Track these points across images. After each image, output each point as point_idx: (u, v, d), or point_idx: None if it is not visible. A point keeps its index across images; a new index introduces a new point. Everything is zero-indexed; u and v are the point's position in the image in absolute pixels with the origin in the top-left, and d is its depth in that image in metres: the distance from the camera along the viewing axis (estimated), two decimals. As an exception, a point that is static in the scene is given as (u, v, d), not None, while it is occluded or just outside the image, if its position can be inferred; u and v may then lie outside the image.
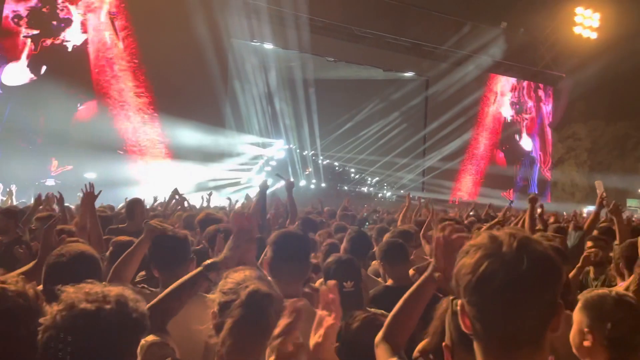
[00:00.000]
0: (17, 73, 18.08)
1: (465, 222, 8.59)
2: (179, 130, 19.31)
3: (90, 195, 4.52)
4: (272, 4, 21.49)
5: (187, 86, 19.58)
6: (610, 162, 30.90)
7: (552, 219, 7.85)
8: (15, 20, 18.11)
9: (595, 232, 5.44)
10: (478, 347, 1.18)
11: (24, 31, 18.24)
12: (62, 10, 18.88)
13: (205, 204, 11.04)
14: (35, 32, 18.36)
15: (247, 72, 22.40)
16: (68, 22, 19.02)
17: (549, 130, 31.84)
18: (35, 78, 18.20)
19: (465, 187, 28.69)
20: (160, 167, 19.48)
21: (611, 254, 4.73)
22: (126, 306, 1.47)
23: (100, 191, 4.64)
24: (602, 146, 31.47)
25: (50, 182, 17.43)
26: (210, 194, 11.38)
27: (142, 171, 19.44)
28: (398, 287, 3.28)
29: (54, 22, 18.76)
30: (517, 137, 30.75)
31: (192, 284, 2.16)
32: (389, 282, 3.61)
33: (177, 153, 19.45)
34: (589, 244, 4.18)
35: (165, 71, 19.30)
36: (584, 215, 13.33)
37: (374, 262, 4.26)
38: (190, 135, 19.51)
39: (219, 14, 20.31)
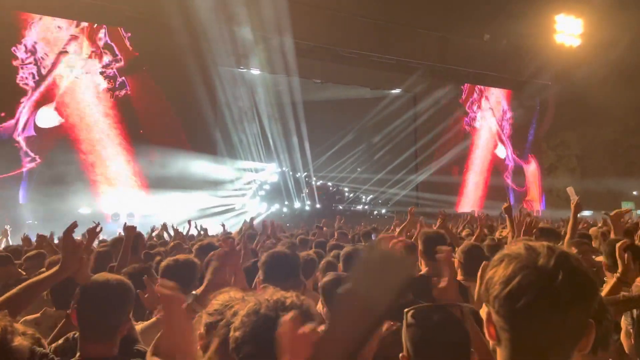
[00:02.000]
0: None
1: (463, 234, 8.61)
2: (170, 160, 19.33)
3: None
4: (256, 30, 21.71)
5: (177, 116, 19.68)
6: (603, 167, 31.09)
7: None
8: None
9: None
10: (501, 356, 1.16)
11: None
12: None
13: (202, 233, 11.05)
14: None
15: (235, 98, 22.54)
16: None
17: (535, 139, 32.03)
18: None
19: (464, 200, 28.78)
20: (151, 198, 19.41)
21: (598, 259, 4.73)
22: None
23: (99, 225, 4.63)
24: (593, 152, 31.70)
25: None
26: (200, 225, 11.47)
27: (135, 203, 19.41)
28: None
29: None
30: (502, 147, 30.91)
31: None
32: None
33: (169, 183, 19.38)
34: (573, 249, 4.09)
35: (154, 103, 19.41)
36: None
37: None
38: (182, 164, 19.54)
39: (204, 43, 20.49)
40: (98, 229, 4.56)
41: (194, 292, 2.22)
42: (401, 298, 1.06)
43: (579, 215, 4.74)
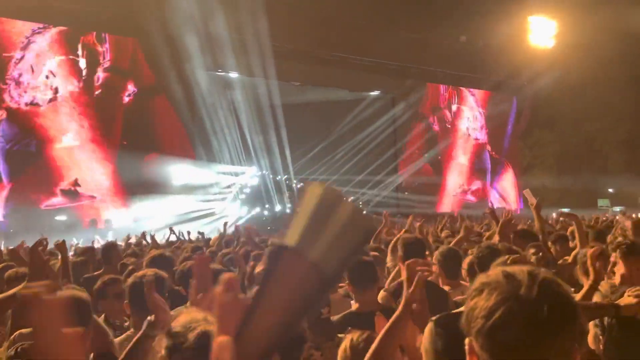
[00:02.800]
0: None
1: (442, 236, 8.65)
2: (148, 165, 19.17)
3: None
4: (234, 33, 21.63)
5: (154, 121, 19.52)
6: (579, 165, 31.60)
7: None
8: None
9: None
10: None
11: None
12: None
13: (182, 238, 10.98)
14: None
15: (214, 102, 22.42)
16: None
17: (512, 139, 32.42)
18: None
19: (444, 200, 29.02)
20: (129, 204, 19.21)
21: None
22: None
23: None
24: (569, 150, 32.21)
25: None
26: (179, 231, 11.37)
27: (112, 209, 19.20)
28: (364, 314, 3.06)
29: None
30: (482, 148, 31.24)
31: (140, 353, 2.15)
32: (355, 306, 3.35)
33: (147, 188, 19.20)
34: (530, 250, 4.12)
35: (131, 107, 19.21)
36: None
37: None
38: (160, 169, 19.39)
39: (181, 46, 20.37)
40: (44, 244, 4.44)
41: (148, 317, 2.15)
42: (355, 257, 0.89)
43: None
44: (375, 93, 27.91)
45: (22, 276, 3.59)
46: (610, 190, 30.47)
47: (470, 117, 30.78)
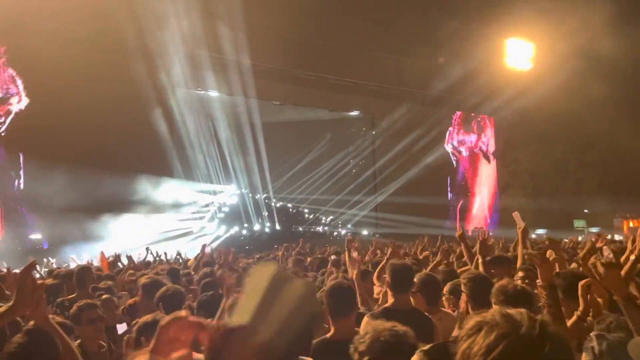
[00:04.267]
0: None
1: (420, 257, 8.64)
2: (126, 183, 18.85)
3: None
4: (214, 52, 21.62)
5: (133, 138, 19.27)
6: (554, 185, 32.06)
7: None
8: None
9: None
10: None
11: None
12: None
13: (158, 260, 10.75)
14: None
15: (193, 120, 22.28)
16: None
17: (491, 159, 32.80)
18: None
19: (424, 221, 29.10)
20: (105, 223, 18.82)
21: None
22: None
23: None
24: (545, 170, 32.68)
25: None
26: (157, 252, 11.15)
27: (88, 227, 18.81)
28: (339, 342, 2.89)
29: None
30: (458, 168, 31.53)
31: None
32: (330, 333, 3.19)
33: (125, 207, 18.87)
34: (520, 274, 4.10)
35: (110, 124, 18.91)
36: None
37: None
38: (138, 187, 19.11)
39: (161, 64, 20.26)
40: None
41: None
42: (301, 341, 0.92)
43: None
44: (355, 113, 28.10)
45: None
46: (586, 211, 30.91)
47: (449, 137, 31.09)
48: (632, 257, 3.01)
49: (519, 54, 29.96)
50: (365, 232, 26.06)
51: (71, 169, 17.31)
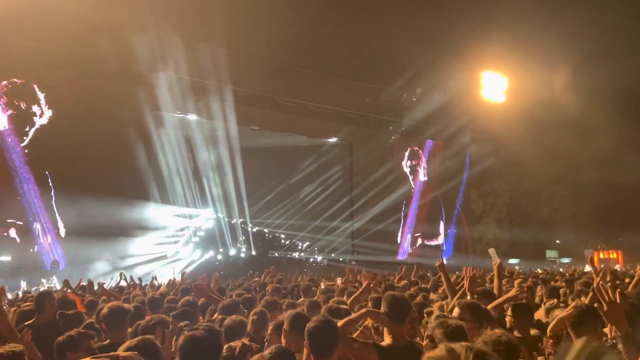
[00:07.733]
0: None
1: (399, 285, 8.64)
2: (100, 207, 18.49)
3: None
4: (194, 77, 21.66)
5: (108, 161, 19.02)
6: (527, 216, 32.52)
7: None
8: None
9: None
10: None
11: None
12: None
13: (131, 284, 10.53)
14: None
15: (171, 143, 22.14)
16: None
17: (465, 188, 33.13)
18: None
19: (399, 248, 29.23)
20: (78, 246, 18.42)
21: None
22: None
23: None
24: (519, 200, 33.16)
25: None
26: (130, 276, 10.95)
27: (61, 251, 18.45)
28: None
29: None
30: (436, 197, 31.76)
31: None
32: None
33: (98, 230, 18.47)
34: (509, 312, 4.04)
35: (84, 146, 18.65)
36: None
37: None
38: (112, 210, 18.76)
39: (140, 87, 20.20)
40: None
41: None
42: None
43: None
44: (333, 140, 28.28)
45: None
46: (558, 241, 31.38)
47: (425, 167, 31.40)
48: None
49: (494, 87, 30.68)
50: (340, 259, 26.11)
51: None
